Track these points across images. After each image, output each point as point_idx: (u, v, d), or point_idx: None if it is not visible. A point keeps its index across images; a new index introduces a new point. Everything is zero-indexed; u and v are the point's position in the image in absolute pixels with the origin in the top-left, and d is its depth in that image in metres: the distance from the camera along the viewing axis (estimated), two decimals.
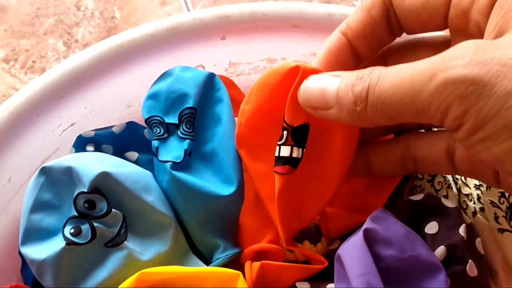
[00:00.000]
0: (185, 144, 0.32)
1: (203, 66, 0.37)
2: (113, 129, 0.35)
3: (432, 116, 0.21)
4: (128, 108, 0.37)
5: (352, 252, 0.27)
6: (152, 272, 0.28)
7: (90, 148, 0.34)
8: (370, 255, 0.27)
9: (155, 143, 0.32)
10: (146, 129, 0.36)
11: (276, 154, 0.28)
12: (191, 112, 0.32)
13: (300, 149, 0.27)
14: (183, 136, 0.32)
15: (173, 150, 0.32)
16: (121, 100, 0.36)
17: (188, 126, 0.32)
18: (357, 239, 0.28)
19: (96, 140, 0.34)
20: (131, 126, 0.35)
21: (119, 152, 0.34)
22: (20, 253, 0.33)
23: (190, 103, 0.32)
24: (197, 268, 0.29)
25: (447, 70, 0.20)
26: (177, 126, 0.32)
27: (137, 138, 0.35)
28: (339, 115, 0.24)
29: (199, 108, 0.33)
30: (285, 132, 0.27)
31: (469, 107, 0.20)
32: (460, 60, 0.20)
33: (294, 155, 0.27)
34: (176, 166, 0.31)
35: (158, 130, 0.32)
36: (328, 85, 0.24)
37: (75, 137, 0.34)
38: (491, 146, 0.21)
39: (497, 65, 0.19)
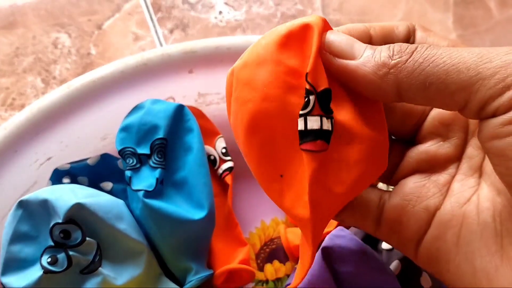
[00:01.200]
0: (157, 173, 0.33)
1: (173, 98, 0.39)
2: (88, 161, 0.37)
3: (487, 88, 0.19)
4: (103, 140, 0.39)
5: (312, 269, 0.29)
6: None
7: (66, 180, 0.36)
8: (329, 271, 0.29)
9: (128, 173, 0.34)
10: (120, 160, 0.37)
11: (301, 128, 0.21)
12: (162, 143, 0.34)
13: (330, 120, 0.22)
14: (154, 165, 0.34)
15: (145, 179, 0.34)
16: (96, 133, 0.38)
17: (160, 156, 0.34)
18: (316, 257, 0.30)
19: (72, 172, 0.36)
20: (105, 157, 0.37)
21: (94, 183, 0.36)
22: (1, 283, 0.35)
23: (160, 134, 0.34)
24: None
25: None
26: (148, 156, 0.34)
27: (111, 169, 0.37)
28: (360, 67, 0.21)
29: (170, 138, 0.35)
30: (311, 98, 0.21)
31: None
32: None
33: (325, 127, 0.21)
34: (148, 194, 0.33)
35: (131, 161, 0.34)
36: (361, 48, 0.22)
37: (52, 170, 0.36)
38: None
39: None
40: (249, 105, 0.22)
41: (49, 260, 0.31)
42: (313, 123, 0.21)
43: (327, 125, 0.21)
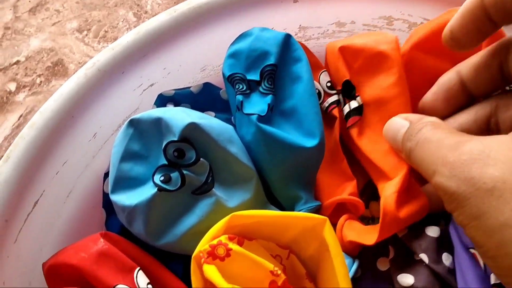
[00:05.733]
0: (268, 99, 0.32)
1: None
2: (191, 88, 0.36)
3: None
4: (202, 71, 0.38)
5: None
6: (243, 215, 0.28)
7: (170, 106, 0.35)
8: None
9: (239, 97, 0.33)
10: (222, 90, 0.37)
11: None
12: (273, 69, 0.33)
13: (355, 100, 0.34)
14: (265, 91, 0.33)
15: (256, 105, 0.33)
16: (196, 63, 0.37)
17: (270, 83, 0.33)
18: None
19: (176, 99, 0.35)
20: (207, 86, 0.36)
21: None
22: (103, 206, 0.35)
23: (271, 60, 0.33)
24: (285, 212, 0.30)
25: (437, 173, 0.24)
26: (258, 82, 0.33)
27: (213, 98, 0.36)
28: (406, 159, 0.29)
29: (279, 66, 0.34)
30: (340, 96, 0.35)
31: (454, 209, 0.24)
32: (447, 169, 0.24)
33: (353, 106, 0.34)
34: (261, 118, 0.32)
35: (241, 86, 0.33)
36: (399, 130, 0.29)
37: (153, 98, 0.35)
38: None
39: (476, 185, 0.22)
40: None
41: (162, 178, 0.30)
42: (346, 109, 0.35)
43: (354, 104, 0.34)
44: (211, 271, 0.26)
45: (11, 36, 0.43)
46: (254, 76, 0.33)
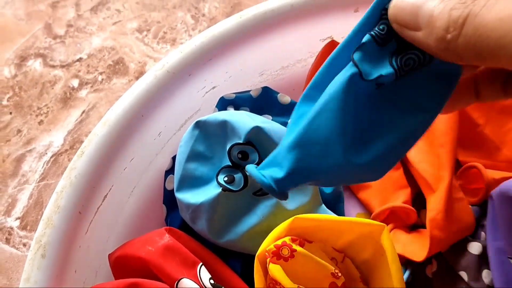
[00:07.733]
0: None
1: (332, 38, 0.39)
2: (251, 92, 0.37)
3: None
4: (261, 75, 0.39)
5: None
6: (305, 218, 0.30)
7: (230, 109, 0.37)
8: None
9: None
10: (279, 94, 0.38)
11: None
12: None
13: None
14: None
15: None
16: (256, 67, 0.39)
17: None
18: None
19: (236, 102, 0.37)
20: (266, 90, 0.38)
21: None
22: (164, 202, 0.36)
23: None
24: (344, 217, 0.31)
25: None
26: None
27: (271, 102, 0.38)
28: (426, 39, 0.21)
29: None
30: None
31: None
32: None
33: None
34: None
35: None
36: (425, 3, 0.21)
37: (214, 100, 0.37)
38: None
39: None
40: None
41: (225, 179, 0.32)
42: None
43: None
44: (277, 271, 0.28)
45: (74, 33, 0.45)
46: None
